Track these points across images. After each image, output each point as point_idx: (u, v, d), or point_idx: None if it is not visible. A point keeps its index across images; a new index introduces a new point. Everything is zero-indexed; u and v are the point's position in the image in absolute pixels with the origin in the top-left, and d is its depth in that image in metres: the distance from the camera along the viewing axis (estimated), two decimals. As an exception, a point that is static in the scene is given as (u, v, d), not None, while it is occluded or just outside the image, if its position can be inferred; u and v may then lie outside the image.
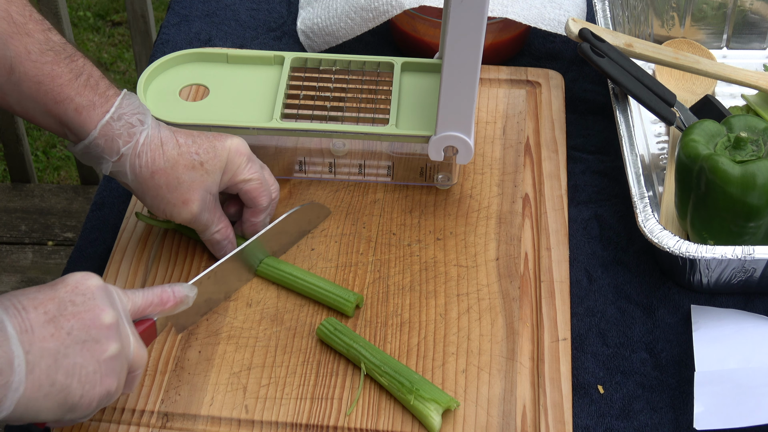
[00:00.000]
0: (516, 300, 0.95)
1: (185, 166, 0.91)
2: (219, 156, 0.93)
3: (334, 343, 0.90)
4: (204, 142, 0.93)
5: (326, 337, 0.91)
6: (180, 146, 0.91)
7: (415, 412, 0.86)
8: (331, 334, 0.90)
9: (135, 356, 0.79)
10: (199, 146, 0.92)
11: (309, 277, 0.95)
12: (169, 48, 1.26)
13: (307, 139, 1.03)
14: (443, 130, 0.97)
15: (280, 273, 0.96)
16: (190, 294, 0.86)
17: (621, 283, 0.99)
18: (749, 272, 0.94)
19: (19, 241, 2.06)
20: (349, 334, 0.90)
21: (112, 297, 0.79)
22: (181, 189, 0.91)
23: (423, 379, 0.87)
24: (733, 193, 0.90)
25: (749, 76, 1.11)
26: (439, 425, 0.85)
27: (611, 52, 1.06)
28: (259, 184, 0.95)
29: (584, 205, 1.06)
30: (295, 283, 0.95)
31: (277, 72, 1.07)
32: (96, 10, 2.72)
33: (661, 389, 0.91)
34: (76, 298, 0.76)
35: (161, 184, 0.91)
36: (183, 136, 0.92)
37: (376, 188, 1.06)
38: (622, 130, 1.04)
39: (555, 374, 0.89)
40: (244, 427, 0.86)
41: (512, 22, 1.18)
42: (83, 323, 0.75)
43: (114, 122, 0.88)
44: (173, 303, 0.85)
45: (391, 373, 0.87)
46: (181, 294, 0.85)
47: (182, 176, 0.91)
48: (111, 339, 0.76)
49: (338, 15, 1.20)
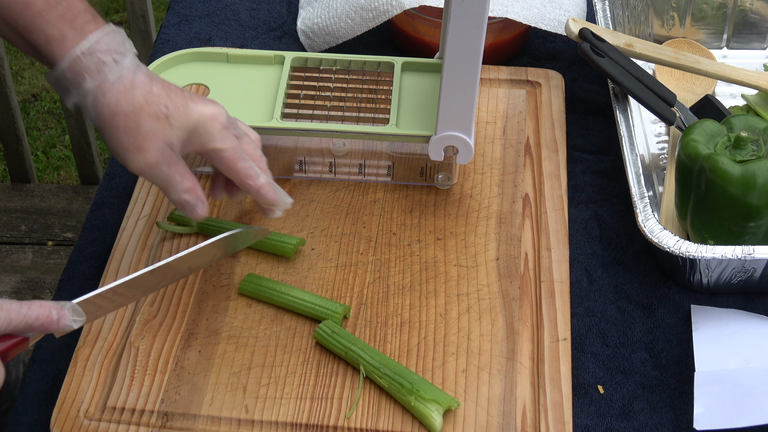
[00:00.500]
0: (516, 300, 0.95)
1: (149, 114, 0.87)
2: (189, 116, 0.88)
3: (332, 346, 0.90)
4: (178, 99, 0.89)
5: (324, 340, 0.91)
6: (150, 94, 0.88)
7: (416, 413, 0.86)
8: (329, 337, 0.90)
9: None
10: (171, 100, 0.88)
11: (293, 291, 0.94)
12: (169, 48, 1.26)
13: (307, 139, 1.03)
14: (443, 130, 0.97)
15: (262, 289, 0.95)
16: (73, 324, 0.79)
17: (621, 283, 0.99)
18: (749, 272, 0.94)
19: (19, 241, 2.06)
20: (347, 337, 0.90)
21: None
22: (139, 136, 0.87)
23: (423, 380, 0.87)
24: (733, 192, 0.90)
25: (749, 76, 1.11)
26: (441, 425, 0.85)
27: (611, 51, 1.06)
28: (232, 153, 0.90)
29: (584, 205, 1.06)
30: (280, 298, 0.94)
31: (278, 72, 1.07)
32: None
33: (661, 389, 0.91)
34: None
35: (119, 127, 0.87)
36: (159, 86, 0.89)
37: (376, 188, 1.06)
38: (622, 130, 1.04)
39: (555, 374, 0.89)
40: (244, 427, 0.86)
41: (512, 22, 1.18)
42: None
43: (84, 57, 0.85)
44: (55, 329, 0.78)
45: (391, 375, 0.87)
46: (65, 322, 0.78)
47: (143, 123, 0.87)
48: None
49: (338, 15, 1.20)
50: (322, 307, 0.93)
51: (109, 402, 0.88)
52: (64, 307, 0.78)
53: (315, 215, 1.03)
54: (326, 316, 0.92)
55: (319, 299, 0.93)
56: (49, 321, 0.77)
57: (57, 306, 0.78)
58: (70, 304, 0.79)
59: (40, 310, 0.76)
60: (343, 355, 0.90)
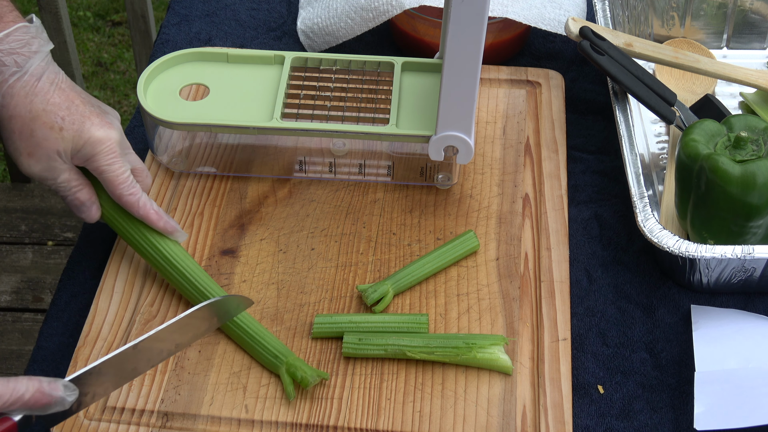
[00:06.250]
0: (516, 300, 0.95)
1: (44, 123, 0.88)
2: (81, 134, 0.90)
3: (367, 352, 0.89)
4: (76, 114, 0.90)
5: (355, 351, 0.90)
6: (49, 104, 0.89)
7: (484, 363, 0.88)
8: (359, 347, 0.89)
9: None
10: (70, 114, 0.89)
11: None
12: (169, 48, 1.26)
13: (308, 139, 1.03)
14: (443, 130, 0.97)
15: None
16: (68, 397, 0.76)
17: (621, 283, 0.99)
18: (749, 272, 0.94)
19: (19, 241, 2.06)
20: (375, 339, 0.90)
21: None
22: (31, 142, 0.89)
23: (468, 334, 0.89)
24: (733, 192, 0.90)
25: (749, 75, 1.11)
26: (510, 361, 0.88)
27: (611, 50, 1.06)
28: (114, 177, 0.92)
29: (584, 205, 1.06)
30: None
31: (278, 72, 1.07)
32: (96, 10, 2.72)
33: (661, 389, 0.91)
34: None
35: (15, 130, 0.89)
36: (61, 96, 0.90)
37: (376, 188, 1.06)
38: (622, 129, 1.04)
39: (555, 374, 0.89)
40: (244, 427, 0.86)
41: (512, 22, 1.18)
42: None
43: None
44: (48, 401, 0.75)
45: (441, 345, 0.88)
46: (57, 394, 0.75)
47: (37, 131, 0.88)
48: None
49: (338, 15, 1.20)
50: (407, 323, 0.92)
51: (109, 402, 0.88)
52: (55, 381, 0.76)
53: (315, 215, 1.03)
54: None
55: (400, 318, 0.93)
56: (41, 392, 0.74)
57: (47, 379, 0.75)
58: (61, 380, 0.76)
59: (29, 383, 0.74)
60: (382, 355, 0.90)
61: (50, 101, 0.89)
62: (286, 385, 0.87)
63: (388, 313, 0.93)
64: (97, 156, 0.91)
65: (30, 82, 0.88)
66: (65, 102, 0.90)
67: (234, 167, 1.06)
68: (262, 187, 1.06)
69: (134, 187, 0.93)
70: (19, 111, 0.88)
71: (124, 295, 0.96)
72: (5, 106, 0.87)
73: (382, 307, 0.93)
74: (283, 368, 0.88)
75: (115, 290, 0.96)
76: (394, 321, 0.92)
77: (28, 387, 0.74)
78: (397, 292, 0.95)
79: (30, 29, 0.89)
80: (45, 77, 0.89)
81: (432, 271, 0.96)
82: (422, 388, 0.88)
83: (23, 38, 0.87)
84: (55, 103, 0.89)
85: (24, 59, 0.87)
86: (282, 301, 0.95)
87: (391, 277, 0.95)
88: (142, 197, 0.93)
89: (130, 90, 2.49)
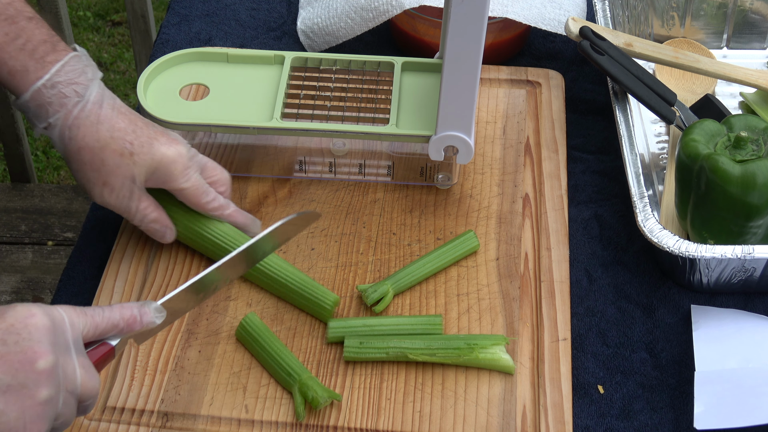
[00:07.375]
0: (516, 300, 0.95)
1: (114, 150, 0.88)
2: (153, 155, 0.90)
3: (368, 356, 0.89)
4: (143, 136, 0.90)
5: (356, 356, 0.90)
6: (115, 130, 0.88)
7: (486, 363, 0.88)
8: (360, 351, 0.89)
9: (84, 388, 0.73)
10: (137, 137, 0.89)
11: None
12: (169, 48, 1.26)
13: (307, 139, 1.03)
14: (443, 130, 0.97)
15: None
16: (156, 320, 0.80)
17: (621, 283, 0.99)
18: (749, 272, 0.94)
19: (19, 241, 2.06)
20: (377, 343, 0.90)
21: (57, 334, 0.71)
22: (103, 171, 0.89)
23: (468, 335, 0.90)
24: (733, 192, 0.90)
25: (749, 75, 1.11)
26: (512, 361, 0.88)
27: (611, 50, 1.06)
28: (194, 191, 0.93)
29: (584, 205, 1.06)
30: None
31: (278, 72, 1.07)
32: (96, 10, 2.72)
33: (661, 389, 0.91)
34: (8, 337, 0.68)
35: (85, 161, 0.88)
36: (125, 121, 0.89)
37: (376, 188, 1.06)
38: (622, 129, 1.04)
39: (555, 374, 0.89)
40: (244, 427, 0.86)
41: (512, 22, 1.18)
42: (10, 366, 0.67)
43: (46, 90, 0.86)
44: (139, 327, 0.79)
45: (443, 347, 0.88)
46: (148, 318, 0.79)
47: (108, 159, 0.88)
48: (42, 385, 0.69)
49: (338, 15, 1.20)
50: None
51: (109, 402, 0.88)
52: (145, 305, 0.80)
53: (315, 215, 1.03)
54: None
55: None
56: (133, 319, 0.78)
57: (138, 304, 0.79)
58: (152, 303, 0.80)
59: (122, 310, 0.78)
60: (384, 358, 0.90)
61: (116, 127, 0.88)
62: (297, 405, 0.86)
63: (402, 316, 0.93)
64: (174, 176, 0.91)
65: (93, 110, 0.87)
66: (130, 126, 0.89)
67: (234, 167, 1.06)
68: (262, 187, 1.06)
69: (212, 193, 0.95)
70: (87, 141, 0.87)
71: (123, 295, 0.96)
72: (73, 138, 0.87)
73: (382, 307, 0.93)
74: (296, 387, 0.87)
75: (115, 290, 0.96)
76: (409, 323, 0.91)
77: (123, 314, 0.77)
78: (397, 292, 0.95)
79: (81, 58, 0.88)
80: (105, 104, 0.88)
81: (432, 271, 0.96)
82: (422, 388, 0.88)
83: (78, 67, 0.87)
84: (120, 129, 0.89)
85: (83, 88, 0.87)
86: (282, 301, 0.95)
87: (391, 277, 0.95)
88: (221, 201, 0.95)
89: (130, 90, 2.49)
